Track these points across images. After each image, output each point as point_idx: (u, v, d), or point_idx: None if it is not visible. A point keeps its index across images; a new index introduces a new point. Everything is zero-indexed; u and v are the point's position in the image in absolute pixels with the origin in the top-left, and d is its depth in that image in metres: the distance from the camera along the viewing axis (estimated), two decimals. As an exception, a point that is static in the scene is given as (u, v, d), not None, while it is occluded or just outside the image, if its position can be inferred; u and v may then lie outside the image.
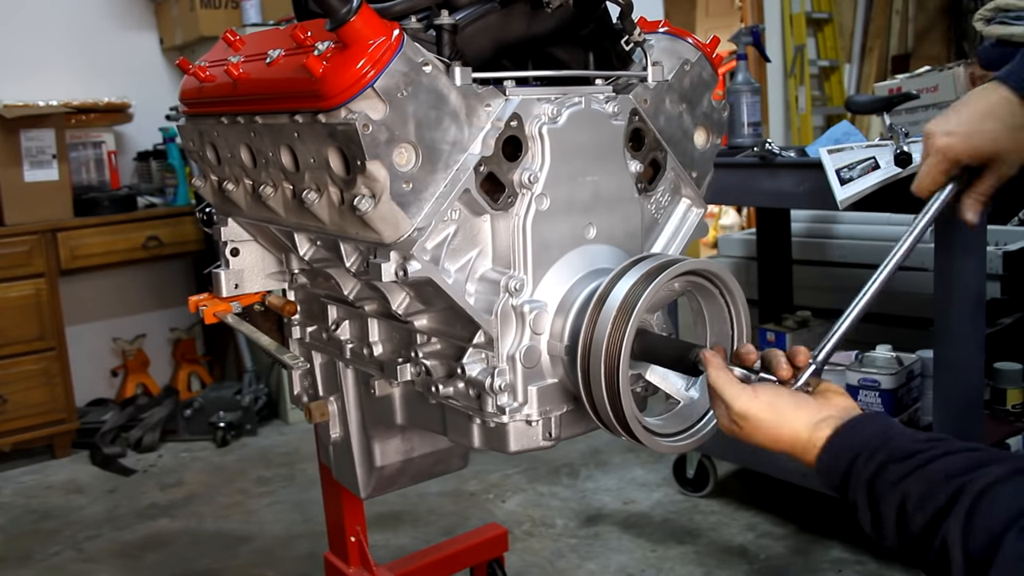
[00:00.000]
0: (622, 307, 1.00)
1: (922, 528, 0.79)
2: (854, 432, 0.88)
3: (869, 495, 0.84)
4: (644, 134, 1.21)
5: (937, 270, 1.99)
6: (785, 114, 5.30)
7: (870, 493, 0.83)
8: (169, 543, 2.68)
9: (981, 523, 0.74)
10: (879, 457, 0.84)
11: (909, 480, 0.81)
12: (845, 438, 0.88)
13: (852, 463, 0.86)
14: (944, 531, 0.76)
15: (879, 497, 0.83)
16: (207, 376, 3.99)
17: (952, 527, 0.76)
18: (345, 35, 1.00)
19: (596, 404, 1.04)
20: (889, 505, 0.82)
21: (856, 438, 0.87)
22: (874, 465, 0.84)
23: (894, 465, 0.83)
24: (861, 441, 0.87)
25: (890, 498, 0.82)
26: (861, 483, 0.84)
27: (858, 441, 0.87)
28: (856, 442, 0.87)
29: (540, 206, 1.10)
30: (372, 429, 1.45)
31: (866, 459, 0.85)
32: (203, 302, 1.46)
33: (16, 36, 3.62)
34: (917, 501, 0.79)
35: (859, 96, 3.92)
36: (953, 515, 0.76)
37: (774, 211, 3.08)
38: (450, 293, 1.07)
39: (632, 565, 2.38)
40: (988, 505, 0.75)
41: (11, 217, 3.25)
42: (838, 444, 0.88)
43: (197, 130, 1.38)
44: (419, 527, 2.66)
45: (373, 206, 1.02)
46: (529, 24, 1.17)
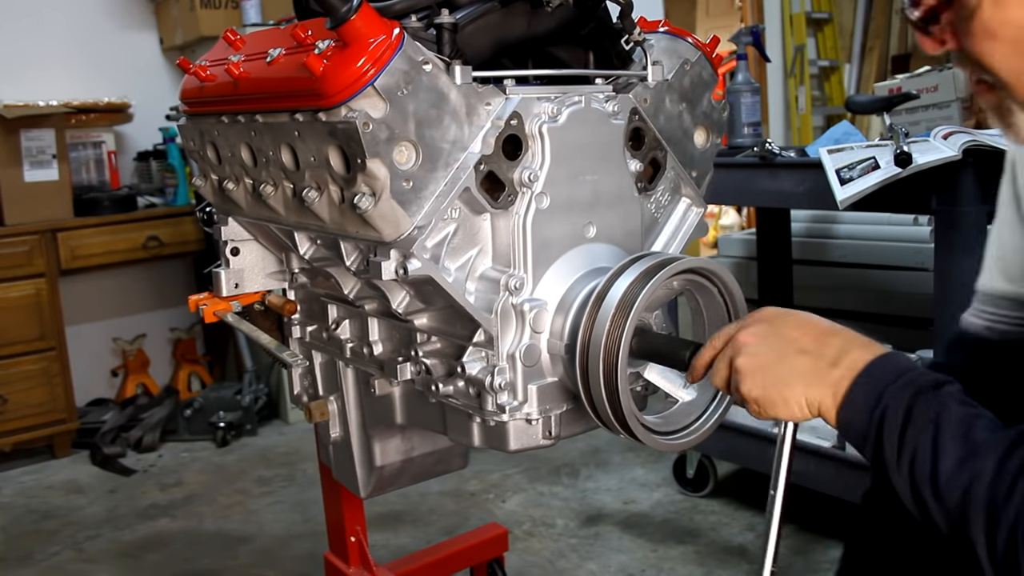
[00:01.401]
0: (620, 305, 1.00)
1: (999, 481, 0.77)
2: (897, 360, 0.87)
3: (931, 407, 0.82)
4: (644, 133, 1.21)
5: (937, 270, 1.99)
6: (785, 114, 5.31)
7: (932, 404, 0.82)
8: (169, 543, 2.68)
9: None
10: (926, 380, 0.83)
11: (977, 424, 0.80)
12: (889, 362, 0.87)
13: (906, 370, 0.84)
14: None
15: (943, 412, 0.81)
16: (207, 376, 3.99)
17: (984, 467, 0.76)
18: (345, 34, 1.00)
19: (595, 402, 1.04)
20: (948, 419, 0.80)
21: (899, 363, 0.86)
22: (933, 378, 0.83)
23: (957, 394, 0.82)
24: (905, 366, 0.85)
25: (949, 415, 0.81)
26: (923, 392, 0.83)
27: (901, 366, 0.86)
28: (899, 366, 0.86)
29: (540, 205, 1.10)
30: (372, 428, 1.45)
31: (909, 380, 0.84)
32: (203, 301, 1.47)
33: (16, 36, 3.62)
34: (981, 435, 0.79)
35: (859, 96, 3.92)
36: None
37: (774, 211, 3.08)
38: (450, 292, 1.07)
39: (632, 565, 2.38)
40: None
41: (11, 217, 3.25)
42: (883, 361, 0.87)
43: (197, 129, 1.38)
44: (419, 527, 2.66)
45: (373, 204, 1.02)
46: (529, 23, 1.17)
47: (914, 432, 0.81)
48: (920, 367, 0.85)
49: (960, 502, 0.78)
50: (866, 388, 0.86)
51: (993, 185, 1.91)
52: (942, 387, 0.83)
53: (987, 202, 1.92)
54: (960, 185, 1.89)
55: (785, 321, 0.93)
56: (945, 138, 1.93)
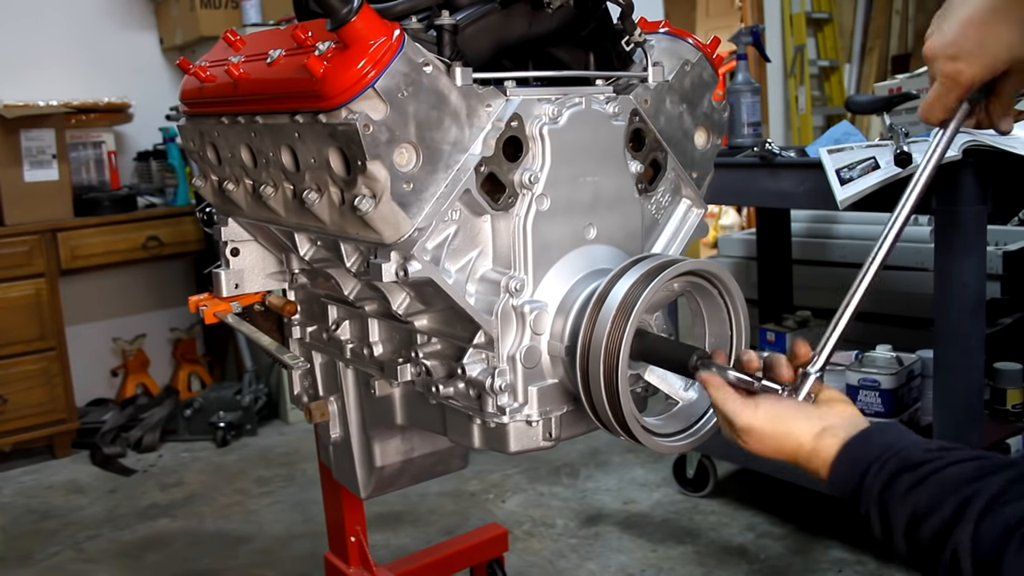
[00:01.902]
0: (621, 307, 1.00)
1: (932, 538, 0.78)
2: (864, 445, 0.88)
3: (880, 507, 0.83)
4: (644, 134, 1.21)
5: (937, 270, 1.99)
6: (785, 114, 5.31)
7: (881, 505, 0.83)
8: (169, 543, 2.68)
9: (989, 530, 0.74)
10: (889, 468, 0.84)
11: (919, 490, 0.81)
12: (854, 451, 0.88)
13: (863, 476, 0.85)
14: (954, 541, 0.76)
15: (890, 508, 0.82)
16: (207, 376, 3.99)
17: (961, 536, 0.75)
18: (346, 35, 1.00)
19: (595, 404, 1.04)
20: (899, 516, 0.81)
21: (866, 451, 0.87)
22: (884, 476, 0.84)
23: (905, 475, 0.82)
24: (871, 453, 0.86)
25: (900, 509, 0.81)
26: (872, 495, 0.84)
27: (868, 454, 0.86)
28: (866, 455, 0.86)
29: (540, 206, 1.10)
30: (372, 429, 1.45)
31: (876, 471, 0.84)
32: (203, 302, 1.47)
33: (16, 36, 3.62)
34: (926, 511, 0.79)
35: (859, 96, 3.92)
36: (962, 524, 0.76)
37: (774, 211, 3.08)
38: (450, 293, 1.07)
39: (632, 565, 2.38)
40: (996, 513, 0.75)
41: (11, 217, 3.25)
42: (848, 458, 0.88)
43: (197, 130, 1.38)
44: (419, 527, 2.66)
45: (374, 206, 1.02)
46: (530, 24, 1.17)
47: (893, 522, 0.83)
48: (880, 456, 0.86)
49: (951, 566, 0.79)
50: (841, 478, 0.88)
51: (993, 185, 1.92)
52: (896, 475, 0.84)
53: (987, 202, 1.92)
54: (960, 185, 1.89)
55: (761, 447, 0.97)
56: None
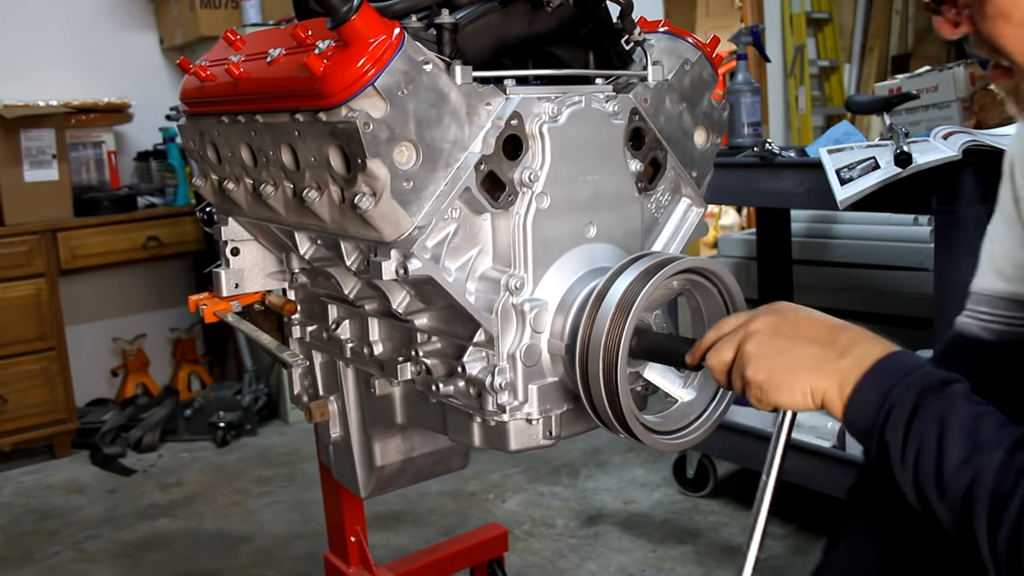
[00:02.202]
0: (620, 305, 1.00)
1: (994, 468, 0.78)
2: (908, 355, 0.86)
3: (918, 409, 0.82)
4: (644, 133, 1.21)
5: (937, 270, 1.99)
6: (785, 114, 5.30)
7: (920, 405, 0.82)
8: (169, 543, 2.68)
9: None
10: (942, 376, 0.83)
11: (980, 409, 0.80)
12: (900, 356, 0.86)
13: (910, 372, 0.84)
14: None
15: (944, 415, 0.81)
16: (207, 376, 3.99)
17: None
18: (346, 34, 1.00)
19: (594, 402, 1.04)
20: (957, 419, 0.80)
21: (912, 360, 0.86)
22: (936, 379, 0.83)
23: (958, 386, 0.82)
24: (919, 362, 0.85)
25: (956, 415, 0.81)
26: (911, 394, 0.82)
27: (915, 362, 0.85)
28: (913, 361, 0.85)
29: (540, 205, 1.10)
30: (372, 428, 1.45)
31: (924, 373, 0.84)
32: (203, 301, 1.47)
33: (16, 36, 3.62)
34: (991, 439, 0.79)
35: (859, 96, 3.92)
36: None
37: (774, 211, 3.08)
38: (450, 292, 1.07)
39: (632, 565, 2.38)
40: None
41: (11, 217, 3.25)
42: (892, 358, 0.86)
43: (197, 129, 1.38)
44: (419, 527, 2.66)
45: (374, 204, 1.02)
46: (529, 23, 1.17)
47: (919, 430, 0.81)
48: (929, 366, 0.85)
49: (964, 498, 0.78)
50: (873, 384, 0.85)
51: (993, 185, 1.91)
52: (949, 385, 0.83)
53: (987, 202, 1.91)
54: (960, 185, 1.89)
55: (798, 312, 0.93)
56: (945, 138, 1.93)
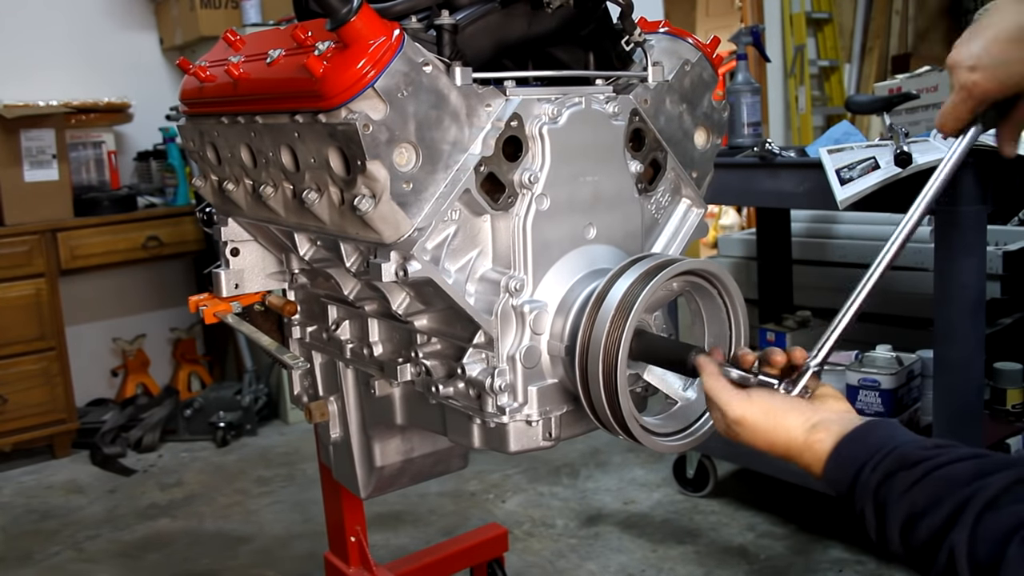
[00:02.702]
0: (620, 306, 1.00)
1: (928, 538, 0.78)
2: (859, 441, 0.87)
3: (875, 504, 0.83)
4: (644, 134, 1.21)
5: (937, 270, 1.99)
6: (785, 114, 5.30)
7: (876, 502, 0.82)
8: (169, 543, 2.68)
9: (986, 533, 0.73)
10: (885, 466, 0.83)
11: (915, 489, 0.80)
12: (849, 448, 0.87)
13: (858, 473, 0.84)
14: (951, 542, 0.75)
15: (886, 507, 0.82)
16: (207, 376, 3.99)
17: (958, 538, 0.75)
18: (345, 35, 1.00)
19: (594, 403, 1.04)
20: (895, 515, 0.81)
21: (861, 447, 0.86)
22: (880, 474, 0.83)
23: (901, 473, 0.81)
24: (866, 450, 0.85)
25: (896, 508, 0.81)
26: (868, 493, 0.83)
27: (863, 450, 0.86)
28: (861, 451, 0.86)
29: (540, 206, 1.10)
30: (372, 429, 1.45)
31: (872, 468, 0.83)
32: (203, 302, 1.47)
33: (16, 36, 3.62)
34: (923, 510, 0.78)
35: (859, 96, 3.92)
36: (959, 525, 0.75)
37: (774, 211, 3.08)
38: (450, 293, 1.07)
39: (632, 565, 2.38)
40: (993, 515, 0.74)
41: (11, 217, 3.25)
42: (842, 454, 0.87)
43: (197, 130, 1.38)
44: (419, 527, 2.66)
45: (373, 206, 1.02)
46: (529, 24, 1.17)
47: (883, 524, 0.82)
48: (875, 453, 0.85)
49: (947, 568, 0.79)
50: (836, 482, 0.88)
51: (993, 185, 1.92)
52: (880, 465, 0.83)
53: (987, 202, 1.92)
54: (960, 185, 1.89)
55: (752, 437, 0.95)
56: (945, 138, 1.92)
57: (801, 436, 0.91)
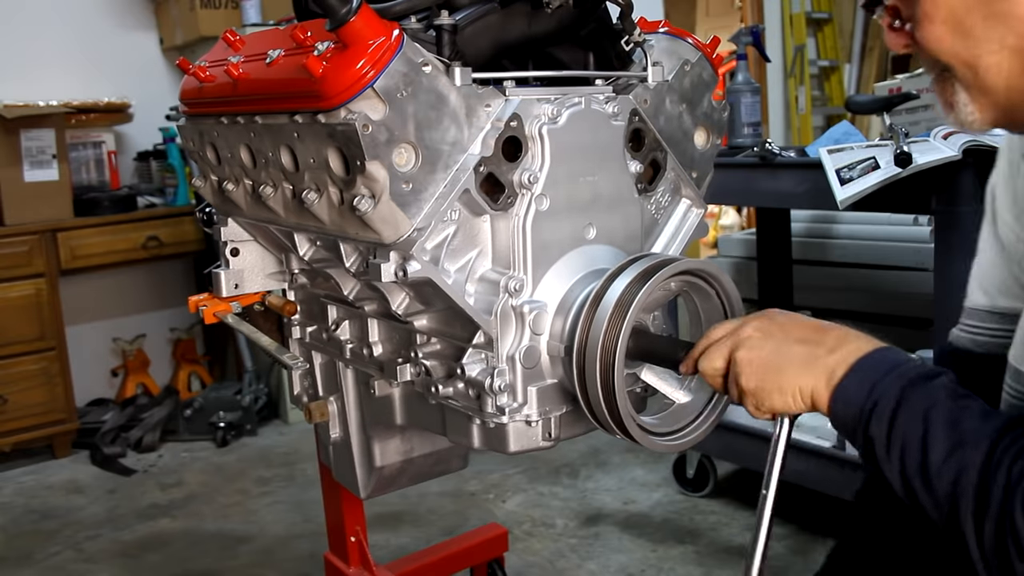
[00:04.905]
0: (617, 306, 1.00)
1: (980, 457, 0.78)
2: (892, 352, 0.88)
3: (901, 405, 0.83)
4: (644, 134, 1.21)
5: (937, 270, 1.99)
6: (785, 114, 5.30)
7: (903, 402, 0.83)
8: (169, 543, 2.68)
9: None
10: (923, 371, 0.84)
11: (964, 402, 0.81)
12: (884, 353, 0.88)
13: (892, 369, 0.85)
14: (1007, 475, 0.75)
15: (927, 409, 0.82)
16: (207, 376, 3.99)
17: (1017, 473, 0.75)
18: (345, 35, 1.00)
19: (592, 403, 1.04)
20: (939, 415, 0.81)
21: (895, 355, 0.87)
22: (916, 373, 0.84)
23: (942, 379, 0.83)
24: (900, 357, 0.87)
25: (938, 411, 0.81)
26: (895, 389, 0.83)
27: (898, 356, 0.87)
28: (895, 357, 0.87)
29: (540, 206, 1.10)
30: (372, 429, 1.45)
31: (907, 368, 0.85)
32: (203, 302, 1.47)
33: (16, 36, 3.62)
34: (976, 430, 0.79)
35: (859, 96, 3.92)
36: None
37: (774, 211, 3.08)
38: (450, 293, 1.07)
39: (632, 565, 2.38)
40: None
41: (11, 217, 3.25)
42: (876, 355, 0.87)
43: (197, 130, 1.38)
44: (419, 527, 2.66)
45: (373, 206, 1.02)
46: (529, 24, 1.17)
47: (903, 425, 0.82)
48: (915, 361, 0.86)
49: (949, 492, 0.78)
50: (858, 380, 0.87)
51: (993, 185, 1.92)
52: (932, 379, 0.84)
53: (987, 202, 1.92)
54: (960, 185, 1.89)
55: (787, 317, 0.95)
56: (945, 138, 1.93)
57: (824, 323, 0.91)
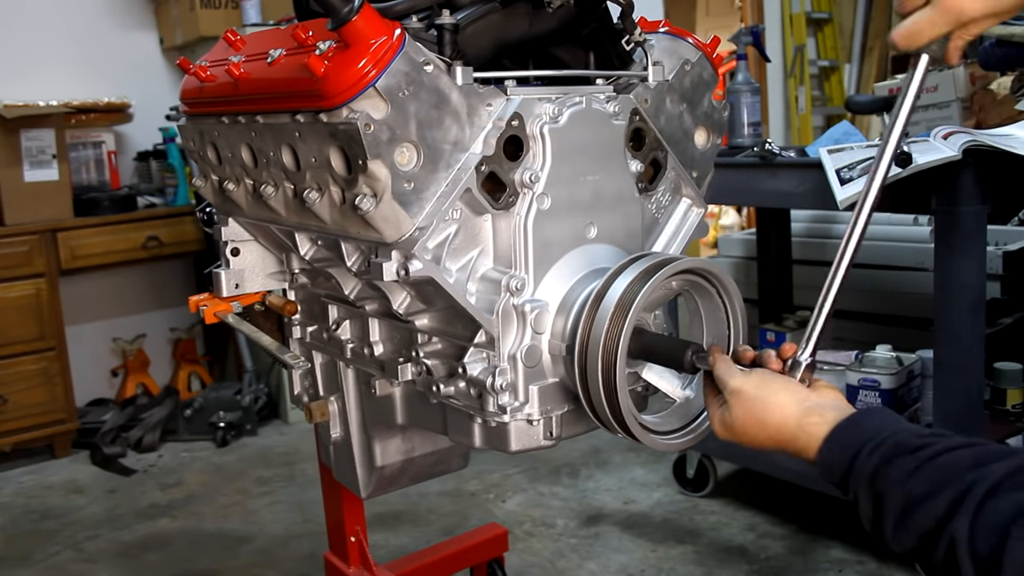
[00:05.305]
0: (619, 305, 1.01)
1: (927, 527, 0.77)
2: (856, 426, 0.86)
3: (872, 491, 0.81)
4: (645, 134, 1.21)
5: (937, 270, 1.99)
6: (785, 114, 5.30)
7: (873, 489, 0.81)
8: (169, 543, 2.68)
9: (988, 521, 0.72)
10: (882, 452, 0.82)
11: (914, 476, 0.79)
12: (845, 433, 0.86)
13: (854, 458, 0.83)
14: (951, 531, 0.74)
15: (882, 494, 0.80)
16: (207, 376, 3.99)
17: (959, 527, 0.74)
18: (346, 35, 1.00)
19: (593, 402, 1.04)
20: (893, 502, 0.79)
21: (857, 432, 0.85)
22: (877, 460, 0.82)
23: (898, 460, 0.80)
24: (863, 435, 0.85)
25: (893, 495, 0.79)
26: (864, 479, 0.82)
27: (860, 435, 0.85)
28: (857, 437, 0.85)
29: (541, 206, 1.10)
30: (372, 429, 1.45)
31: (868, 453, 0.83)
32: (203, 302, 1.47)
33: (16, 36, 3.62)
34: (922, 498, 0.77)
35: (859, 96, 3.92)
36: (960, 515, 0.74)
37: (774, 211, 3.08)
38: (451, 292, 1.07)
39: (632, 565, 2.38)
40: (994, 503, 0.73)
41: (11, 217, 3.25)
42: (838, 439, 0.86)
43: (198, 130, 1.38)
44: (419, 527, 2.66)
45: (374, 205, 1.02)
46: (530, 24, 1.17)
47: (879, 511, 0.82)
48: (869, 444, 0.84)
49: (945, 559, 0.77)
50: (826, 471, 0.88)
51: (993, 185, 1.92)
52: (890, 461, 0.82)
53: (987, 202, 1.92)
54: (960, 185, 1.89)
55: (746, 432, 0.95)
56: (945, 138, 1.93)
57: (795, 417, 0.91)
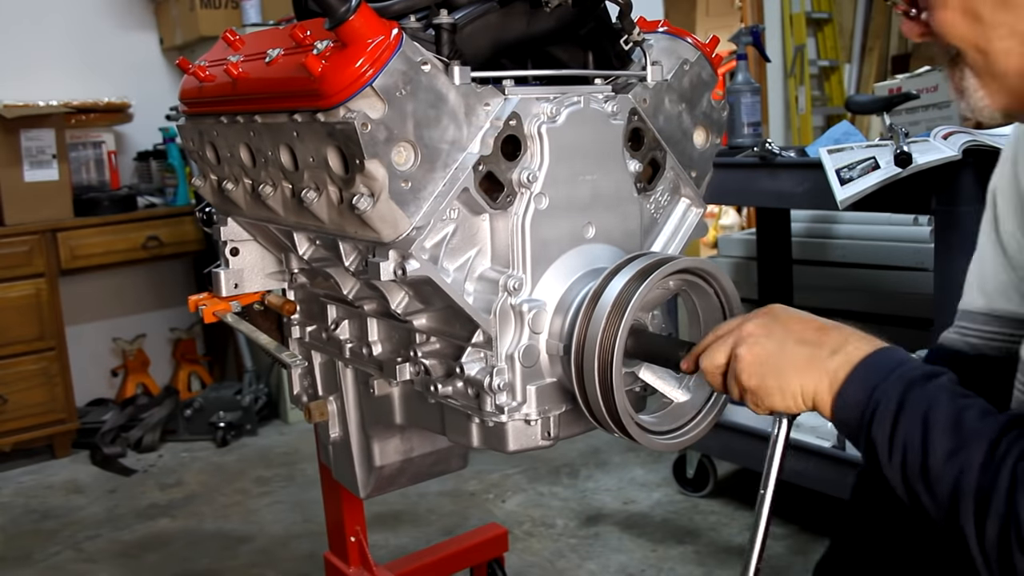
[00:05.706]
0: (615, 305, 1.00)
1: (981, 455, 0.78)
2: (896, 351, 0.88)
3: (905, 403, 0.83)
4: (643, 134, 1.21)
5: (937, 270, 1.99)
6: (785, 114, 5.30)
7: (906, 400, 0.83)
8: (169, 543, 2.68)
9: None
10: (927, 370, 0.84)
11: (966, 402, 0.81)
12: (887, 352, 0.88)
13: (894, 368, 0.85)
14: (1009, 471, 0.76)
15: (929, 407, 0.82)
16: (207, 376, 3.99)
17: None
18: (344, 34, 1.00)
19: (590, 402, 1.04)
20: (940, 415, 0.81)
21: (899, 354, 0.87)
22: (921, 372, 0.84)
23: (943, 378, 0.83)
24: (904, 356, 0.87)
25: (941, 408, 0.81)
26: (898, 388, 0.83)
27: (902, 356, 0.87)
28: (900, 356, 0.87)
29: (539, 205, 1.10)
30: (371, 429, 1.45)
31: (912, 367, 0.85)
32: (203, 301, 1.47)
33: (16, 36, 3.62)
34: (976, 427, 0.79)
35: (859, 96, 3.92)
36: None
37: (774, 211, 3.08)
38: (449, 292, 1.07)
39: (632, 565, 2.38)
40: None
41: (11, 217, 3.25)
42: (879, 355, 0.87)
43: (197, 130, 1.38)
44: (419, 527, 2.66)
45: (372, 205, 1.02)
46: (528, 23, 1.17)
47: (905, 427, 0.82)
48: (916, 361, 0.86)
49: (951, 493, 0.79)
50: (859, 382, 0.87)
51: (993, 185, 1.92)
52: (934, 379, 0.84)
53: (987, 202, 1.92)
54: (960, 185, 1.89)
55: (789, 314, 0.94)
56: (945, 138, 1.93)
57: (819, 321, 0.91)
